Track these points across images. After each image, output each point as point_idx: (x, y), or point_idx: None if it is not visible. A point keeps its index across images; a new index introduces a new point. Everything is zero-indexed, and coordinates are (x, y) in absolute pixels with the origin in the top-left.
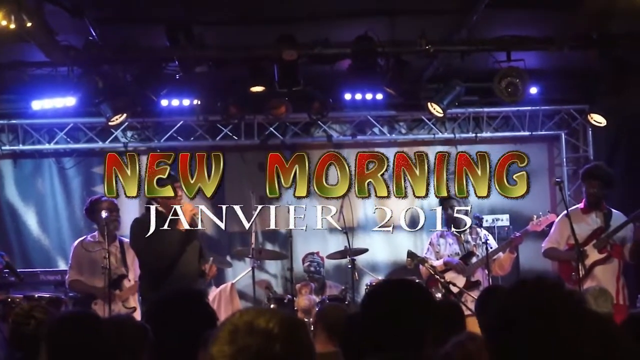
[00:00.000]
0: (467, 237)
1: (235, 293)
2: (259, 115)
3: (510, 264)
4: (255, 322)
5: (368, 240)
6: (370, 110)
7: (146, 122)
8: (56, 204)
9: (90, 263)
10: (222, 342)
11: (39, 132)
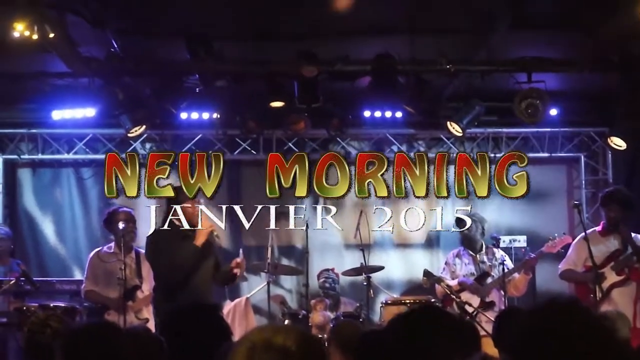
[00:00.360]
0: (482, 258)
1: (249, 307)
2: (277, 131)
3: (525, 284)
4: (273, 339)
5: (384, 257)
6: (389, 128)
7: (165, 134)
8: (74, 214)
9: (105, 274)
10: (239, 358)
11: (58, 142)
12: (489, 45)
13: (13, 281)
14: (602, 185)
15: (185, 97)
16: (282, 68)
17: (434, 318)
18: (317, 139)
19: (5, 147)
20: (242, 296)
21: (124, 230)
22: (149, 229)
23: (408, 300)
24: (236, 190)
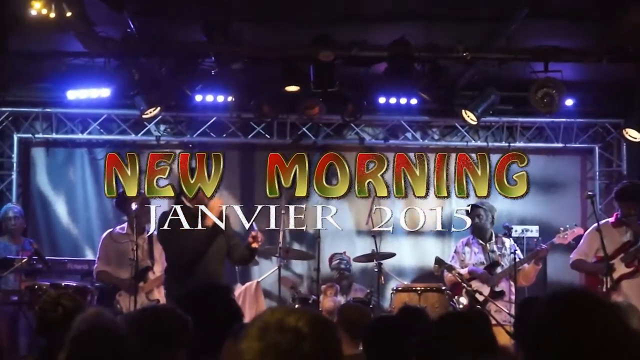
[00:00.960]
0: (492, 247)
1: (260, 291)
2: (292, 115)
3: (534, 275)
4: (286, 320)
5: (396, 244)
6: (404, 114)
7: (180, 116)
8: (86, 194)
9: (117, 254)
10: (251, 338)
11: (72, 122)
12: (506, 33)
13: (25, 260)
14: (616, 176)
15: (201, 79)
16: (298, 52)
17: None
18: (332, 124)
19: (20, 126)
20: (253, 280)
21: (137, 211)
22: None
23: (419, 287)
24: (249, 174)
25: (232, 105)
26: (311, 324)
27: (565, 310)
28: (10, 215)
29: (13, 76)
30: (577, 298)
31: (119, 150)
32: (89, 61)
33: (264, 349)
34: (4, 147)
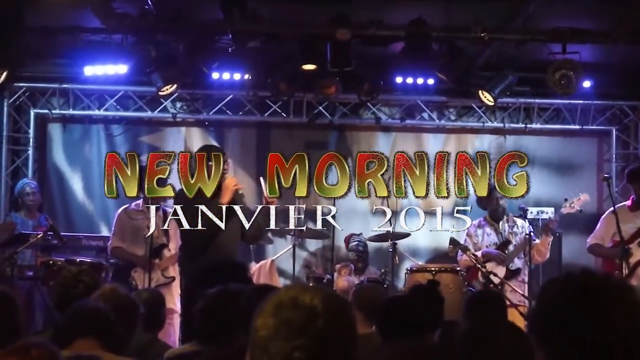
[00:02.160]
0: (503, 226)
1: (274, 270)
2: (308, 94)
3: (547, 248)
4: (300, 297)
5: (410, 225)
6: (421, 94)
7: (196, 93)
8: (102, 171)
9: (132, 231)
10: (266, 314)
11: (89, 98)
12: (524, 14)
13: (41, 235)
14: (633, 159)
15: (218, 57)
16: (315, 31)
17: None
18: (348, 103)
19: (37, 102)
20: (267, 258)
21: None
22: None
23: (433, 267)
24: (265, 153)
25: (249, 83)
26: (325, 301)
27: (579, 292)
28: (28, 191)
29: (29, 52)
30: (591, 280)
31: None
32: (106, 37)
33: (278, 325)
34: (20, 123)
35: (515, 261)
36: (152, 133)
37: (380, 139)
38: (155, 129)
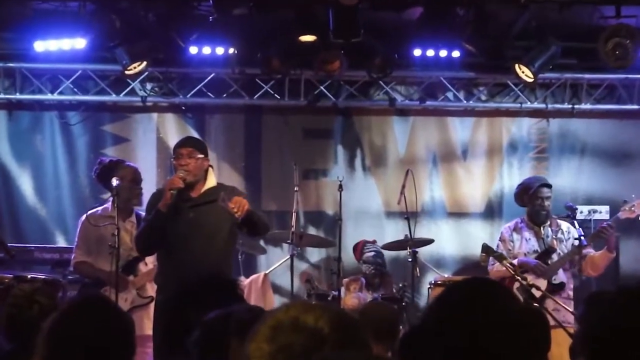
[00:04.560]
0: (546, 231)
1: (268, 285)
2: (307, 71)
3: (605, 263)
4: (302, 318)
5: (434, 228)
6: (444, 70)
7: (170, 72)
8: (57, 167)
9: (98, 241)
10: (261, 338)
11: (40, 79)
12: None
13: None
14: None
15: (196, 27)
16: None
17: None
18: (356, 82)
19: None
20: (259, 272)
21: (119, 187)
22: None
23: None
24: (255, 143)
25: (234, 59)
26: (333, 323)
27: (636, 310)
28: None
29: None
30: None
31: (77, 142)
32: (60, 5)
33: (275, 351)
34: None
35: (559, 274)
36: (118, 121)
37: (395, 124)
38: (120, 116)
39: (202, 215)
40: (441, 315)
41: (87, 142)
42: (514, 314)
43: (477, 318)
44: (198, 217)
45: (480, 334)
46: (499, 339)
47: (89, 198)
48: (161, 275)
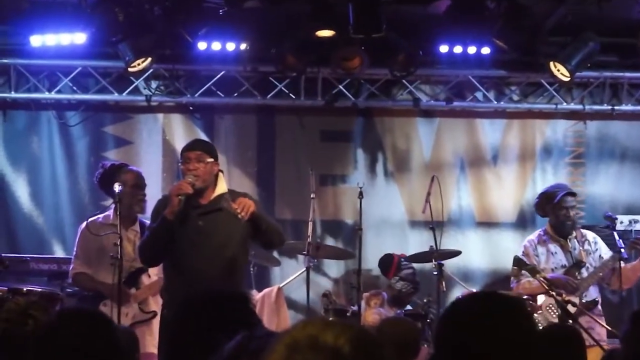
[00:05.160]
0: (573, 243)
1: (282, 300)
2: (324, 69)
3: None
4: (321, 336)
5: (461, 239)
6: (473, 68)
7: (177, 70)
8: (55, 172)
9: (99, 251)
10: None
11: (37, 77)
12: None
13: None
14: None
15: (205, 21)
16: None
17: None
18: (377, 80)
19: None
20: (272, 285)
21: (122, 194)
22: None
23: None
24: (269, 147)
25: (246, 56)
26: (355, 342)
27: None
28: None
29: None
30: None
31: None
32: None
33: None
34: None
35: (589, 290)
36: (120, 122)
37: (419, 126)
38: (123, 117)
39: (211, 223)
40: (453, 333)
41: (87, 145)
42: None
43: (500, 336)
44: (207, 226)
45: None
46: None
47: (88, 205)
48: (167, 288)
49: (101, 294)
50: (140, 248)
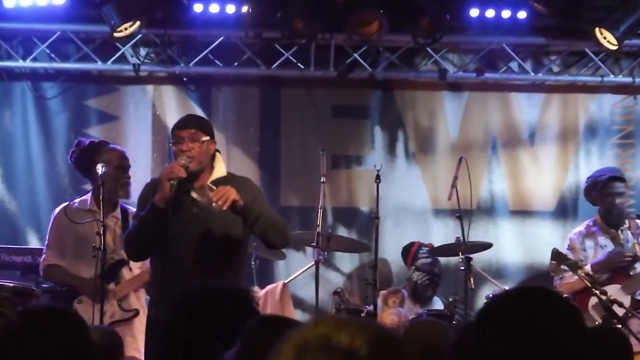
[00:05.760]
0: (625, 234)
1: (288, 298)
2: (338, 35)
3: None
4: (335, 336)
5: (493, 230)
6: (507, 35)
7: (169, 35)
8: (29, 151)
9: (76, 241)
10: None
11: (9, 43)
12: None
13: None
14: None
15: None
16: None
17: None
18: (398, 48)
19: None
20: (276, 281)
21: (106, 176)
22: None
23: None
24: (274, 124)
25: (248, 20)
26: (373, 343)
27: None
28: None
29: None
30: None
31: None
32: None
33: None
34: None
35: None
36: (105, 94)
37: (446, 101)
38: (108, 89)
39: (207, 211)
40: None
41: (66, 120)
42: (588, 335)
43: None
44: (202, 214)
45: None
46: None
47: (68, 189)
48: (155, 285)
49: (75, 290)
50: (126, 240)
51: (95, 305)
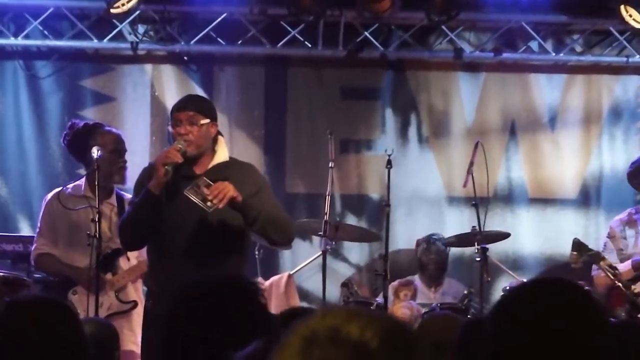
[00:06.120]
0: None
1: (293, 290)
2: (347, 12)
3: None
4: (344, 328)
5: (510, 219)
6: (527, 13)
7: (169, 11)
8: (21, 134)
9: (70, 228)
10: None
11: (0, 19)
12: None
13: None
14: None
15: None
16: None
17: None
18: (411, 26)
19: None
20: (281, 272)
21: (102, 159)
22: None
23: None
24: (279, 106)
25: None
26: (384, 335)
27: None
28: None
29: None
30: None
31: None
32: None
33: None
34: None
35: None
36: (100, 74)
37: (461, 82)
38: (104, 68)
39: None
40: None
41: (60, 101)
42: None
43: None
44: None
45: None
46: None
47: (62, 174)
48: (152, 276)
49: (70, 280)
50: (120, 228)
51: (91, 296)
